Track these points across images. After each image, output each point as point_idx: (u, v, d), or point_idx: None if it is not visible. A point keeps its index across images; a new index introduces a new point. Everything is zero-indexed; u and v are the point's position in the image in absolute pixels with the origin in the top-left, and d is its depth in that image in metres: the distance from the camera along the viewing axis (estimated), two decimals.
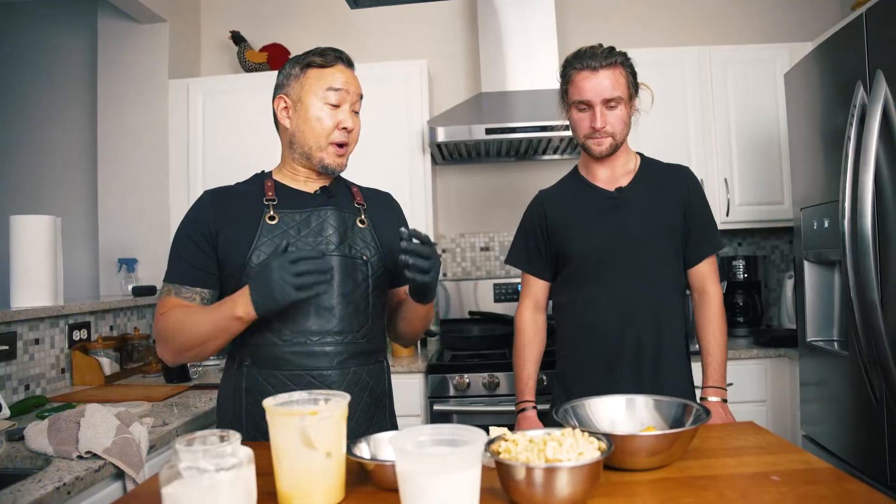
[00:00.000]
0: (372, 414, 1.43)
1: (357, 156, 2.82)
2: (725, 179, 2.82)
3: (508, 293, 3.05)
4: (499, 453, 0.95)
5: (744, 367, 2.48)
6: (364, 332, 1.41)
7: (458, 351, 2.73)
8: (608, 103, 1.59)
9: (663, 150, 2.75)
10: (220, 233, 1.37)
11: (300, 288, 1.19)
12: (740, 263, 2.91)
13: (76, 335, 2.27)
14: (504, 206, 3.23)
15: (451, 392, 2.42)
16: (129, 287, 2.78)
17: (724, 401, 1.60)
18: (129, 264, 2.86)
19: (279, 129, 1.46)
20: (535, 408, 1.75)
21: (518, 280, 3.07)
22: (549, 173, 3.16)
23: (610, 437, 0.98)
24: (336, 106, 1.38)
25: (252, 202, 1.40)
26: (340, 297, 1.37)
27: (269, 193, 1.40)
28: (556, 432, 0.97)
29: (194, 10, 3.28)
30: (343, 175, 1.55)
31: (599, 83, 1.58)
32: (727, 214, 2.80)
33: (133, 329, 2.60)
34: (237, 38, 3.08)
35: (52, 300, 2.17)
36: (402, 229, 1.24)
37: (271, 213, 1.37)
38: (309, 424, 0.91)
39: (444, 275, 3.25)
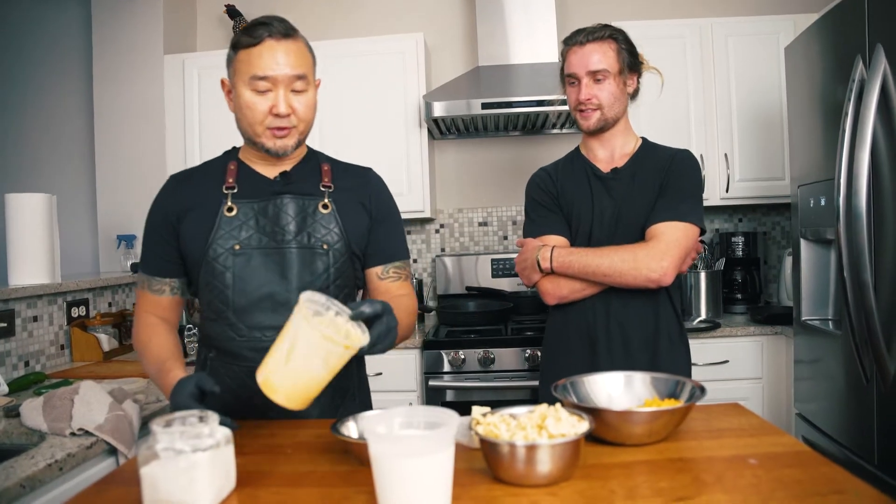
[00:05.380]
0: (337, 405, 1.41)
1: (353, 130, 2.84)
2: (726, 155, 2.78)
3: (506, 269, 3.05)
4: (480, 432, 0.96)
5: (740, 343, 2.47)
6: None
7: (455, 327, 2.74)
8: (594, 76, 1.60)
9: (663, 125, 2.74)
10: (182, 222, 1.34)
11: None
12: (739, 240, 2.90)
13: (74, 312, 2.30)
14: (502, 181, 3.21)
15: (447, 368, 2.44)
16: (128, 263, 2.80)
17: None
18: (127, 240, 2.87)
19: None
20: None
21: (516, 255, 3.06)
22: (548, 148, 3.14)
23: (602, 413, 1.01)
24: (267, 90, 1.27)
25: (213, 188, 1.35)
26: (298, 291, 1.28)
27: (230, 180, 1.35)
28: (538, 409, 0.99)
29: None
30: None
31: (585, 56, 1.60)
32: (727, 190, 2.77)
33: (131, 305, 2.62)
34: (232, 12, 3.04)
35: (50, 278, 2.19)
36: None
37: (229, 203, 1.33)
38: (335, 352, 0.99)
39: (442, 250, 3.25)
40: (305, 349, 0.99)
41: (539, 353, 2.38)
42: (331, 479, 1.01)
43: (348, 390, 1.44)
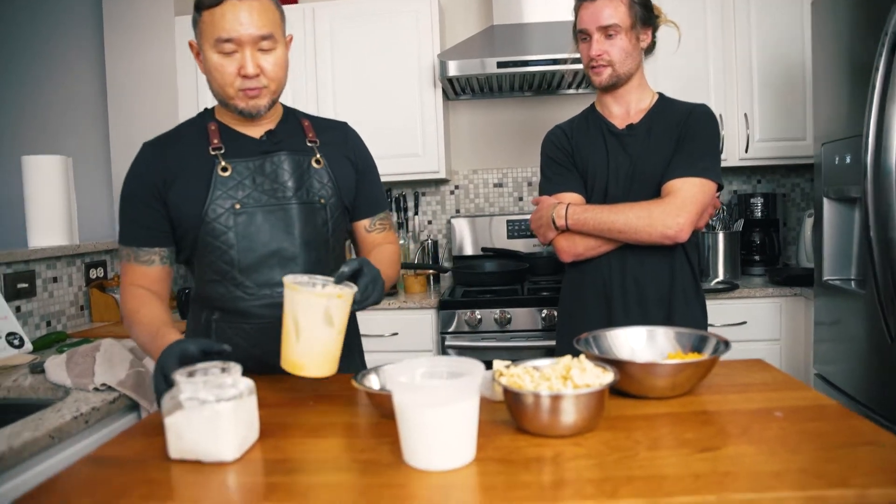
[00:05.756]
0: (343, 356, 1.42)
1: (367, 91, 2.81)
2: (745, 114, 2.72)
3: (522, 230, 3.03)
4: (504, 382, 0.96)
5: (758, 304, 2.45)
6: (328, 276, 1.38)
7: (471, 287, 2.73)
8: (605, 31, 1.56)
9: (682, 84, 2.68)
10: (170, 188, 1.30)
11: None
12: (758, 201, 2.85)
13: (93, 273, 2.31)
14: (518, 141, 3.17)
15: (463, 328, 2.44)
16: None
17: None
18: None
19: None
20: None
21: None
22: (563, 108, 3.09)
23: (625, 365, 1.00)
24: (234, 52, 1.23)
25: (198, 151, 1.31)
26: (303, 245, 1.33)
27: (215, 140, 1.31)
28: (562, 361, 0.98)
29: None
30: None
31: (596, 11, 1.56)
32: (746, 151, 2.71)
33: None
34: None
35: (68, 239, 2.20)
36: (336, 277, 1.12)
37: (223, 164, 1.29)
38: (333, 305, 1.04)
39: (458, 211, 3.23)
40: (307, 317, 1.04)
41: (556, 313, 2.38)
42: (354, 430, 1.02)
43: (351, 339, 1.45)
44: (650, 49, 1.64)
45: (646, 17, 1.59)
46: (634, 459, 0.84)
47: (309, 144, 1.39)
